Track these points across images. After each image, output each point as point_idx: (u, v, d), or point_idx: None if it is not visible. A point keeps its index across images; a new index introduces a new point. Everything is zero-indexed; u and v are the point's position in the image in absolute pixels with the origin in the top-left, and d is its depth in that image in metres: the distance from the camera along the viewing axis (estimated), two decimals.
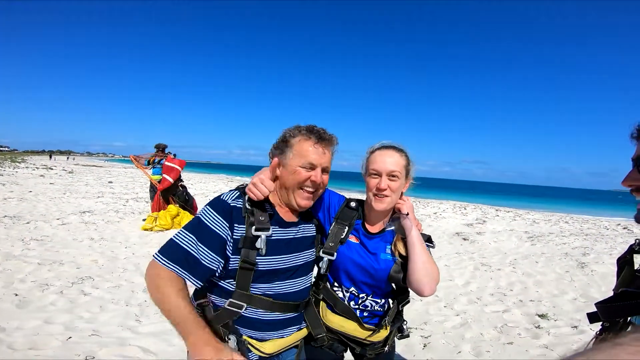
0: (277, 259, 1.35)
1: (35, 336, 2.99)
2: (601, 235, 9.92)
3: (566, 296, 4.69)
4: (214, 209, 1.29)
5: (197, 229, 1.26)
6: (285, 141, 1.38)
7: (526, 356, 3.10)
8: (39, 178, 16.68)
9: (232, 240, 1.27)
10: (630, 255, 1.10)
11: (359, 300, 1.54)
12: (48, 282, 4.16)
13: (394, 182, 1.46)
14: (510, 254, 7.13)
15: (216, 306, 1.33)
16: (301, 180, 1.35)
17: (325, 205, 1.58)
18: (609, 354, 0.36)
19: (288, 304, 1.40)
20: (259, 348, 1.35)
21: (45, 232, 6.39)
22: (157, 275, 1.22)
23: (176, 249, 1.24)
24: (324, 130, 1.40)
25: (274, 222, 1.36)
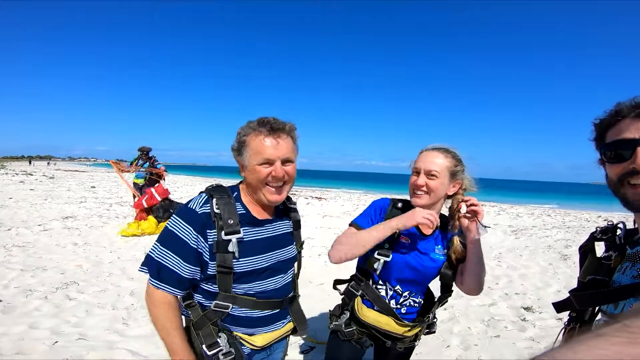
0: (255, 259, 1.34)
1: (21, 341, 2.95)
2: (582, 228, 10.16)
3: (550, 289, 4.80)
4: (183, 218, 1.26)
5: (169, 241, 1.26)
6: (241, 142, 1.32)
7: (513, 349, 3.16)
8: (19, 184, 16.26)
9: (207, 246, 1.26)
10: (591, 243, 1.12)
11: (401, 299, 1.60)
12: (32, 287, 4.08)
13: (432, 180, 1.48)
14: (496, 247, 7.26)
15: (203, 306, 1.35)
16: (262, 178, 1.30)
17: (370, 214, 1.61)
18: (592, 345, 0.36)
19: (271, 302, 1.41)
20: (250, 342, 1.38)
21: (27, 239, 6.25)
22: (148, 296, 1.28)
23: (153, 263, 1.26)
24: (275, 119, 1.32)
25: (247, 222, 1.34)
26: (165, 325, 1.25)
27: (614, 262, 0.99)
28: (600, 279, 0.99)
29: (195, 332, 1.32)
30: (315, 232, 8.15)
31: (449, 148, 1.55)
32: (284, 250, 1.46)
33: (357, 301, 1.61)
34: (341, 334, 1.63)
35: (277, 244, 1.44)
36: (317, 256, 6.02)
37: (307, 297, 4.34)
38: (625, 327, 0.36)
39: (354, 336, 1.61)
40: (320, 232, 8.11)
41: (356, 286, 1.62)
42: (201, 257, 1.26)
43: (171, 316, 1.27)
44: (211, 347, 1.29)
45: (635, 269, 0.89)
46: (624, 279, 0.92)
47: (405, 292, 1.60)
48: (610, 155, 0.90)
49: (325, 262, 5.69)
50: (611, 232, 1.07)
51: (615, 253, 1.00)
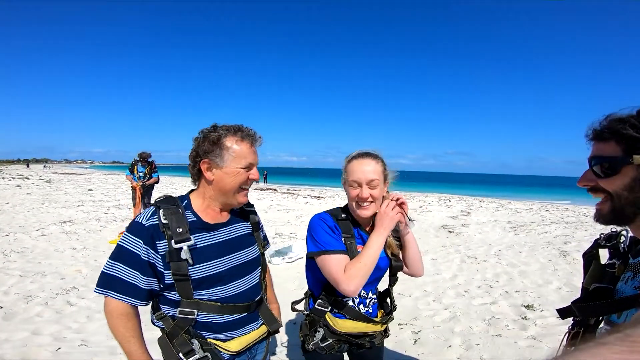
0: (211, 265, 1.34)
1: (24, 348, 2.96)
2: (581, 223, 10.21)
3: (550, 286, 4.81)
4: (132, 233, 1.28)
5: (121, 256, 1.27)
6: (217, 144, 1.34)
7: (515, 348, 3.16)
8: (15, 189, 16.20)
9: (159, 257, 1.27)
10: (596, 249, 1.12)
11: (367, 300, 1.63)
12: (32, 293, 4.07)
13: (374, 190, 1.49)
14: (495, 244, 7.28)
15: (172, 317, 1.35)
16: (243, 180, 1.38)
17: (330, 235, 1.55)
18: (594, 353, 0.36)
19: (238, 306, 1.42)
20: (225, 348, 1.39)
21: (26, 244, 6.23)
22: (105, 307, 1.30)
23: (111, 278, 1.26)
24: (252, 130, 1.43)
25: (199, 228, 1.35)
26: (125, 335, 1.29)
27: (617, 271, 0.99)
28: (604, 287, 0.99)
29: (170, 342, 1.33)
30: None
31: (376, 151, 1.57)
32: (242, 253, 1.47)
33: (328, 316, 1.59)
34: (320, 349, 1.61)
35: (234, 247, 1.44)
36: None
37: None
38: (626, 337, 0.37)
39: (334, 348, 1.61)
40: None
41: (324, 303, 1.59)
42: (155, 268, 1.28)
43: (130, 326, 1.30)
44: (188, 355, 1.31)
45: (637, 279, 0.90)
46: (627, 289, 0.92)
47: (369, 293, 1.64)
48: None
49: None
50: (615, 239, 1.07)
51: (618, 261, 1.01)
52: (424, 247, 6.98)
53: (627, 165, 0.84)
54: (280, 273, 5.27)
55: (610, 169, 0.87)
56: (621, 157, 0.85)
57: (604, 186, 0.89)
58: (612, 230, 1.09)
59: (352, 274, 1.41)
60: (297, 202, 14.43)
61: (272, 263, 5.62)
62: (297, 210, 11.73)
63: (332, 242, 1.48)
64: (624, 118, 0.86)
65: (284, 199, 15.48)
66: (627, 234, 1.05)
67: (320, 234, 1.51)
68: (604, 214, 0.92)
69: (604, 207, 0.92)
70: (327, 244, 1.48)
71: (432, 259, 6.09)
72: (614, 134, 0.86)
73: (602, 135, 0.90)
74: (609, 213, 0.91)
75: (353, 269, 1.42)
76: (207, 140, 1.35)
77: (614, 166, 0.86)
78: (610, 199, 0.90)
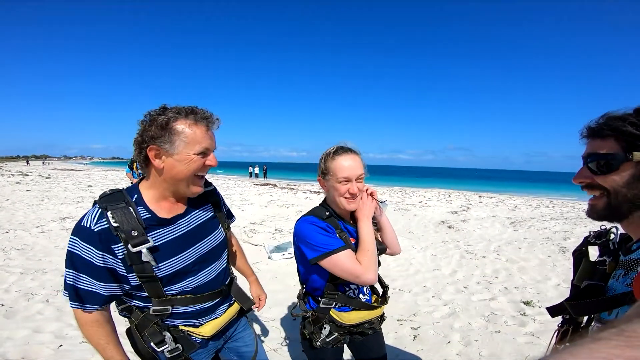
0: (176, 260, 1.28)
1: (26, 345, 2.97)
2: (580, 219, 10.22)
3: (549, 282, 4.83)
4: (80, 238, 1.17)
5: (76, 263, 1.17)
6: (165, 128, 1.20)
7: (514, 344, 3.17)
8: (15, 185, 16.18)
9: (118, 260, 1.19)
10: (585, 247, 1.13)
11: (364, 289, 1.71)
12: (33, 291, 4.08)
13: (360, 182, 1.57)
14: (494, 240, 7.29)
15: (141, 309, 1.31)
16: (197, 168, 1.26)
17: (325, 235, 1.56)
18: (591, 349, 0.36)
19: (210, 294, 1.40)
20: (198, 333, 1.38)
21: (26, 241, 6.23)
22: (75, 317, 1.25)
23: (69, 287, 1.19)
24: (207, 111, 1.29)
25: (154, 224, 1.25)
26: (100, 342, 1.24)
27: (608, 268, 1.01)
28: (595, 284, 1.01)
29: (140, 333, 1.30)
30: None
31: (354, 146, 1.61)
32: (207, 240, 1.42)
33: (332, 312, 1.63)
34: (327, 344, 1.65)
35: (197, 236, 1.38)
36: None
37: None
38: (622, 332, 0.38)
39: (339, 341, 1.66)
40: None
41: (329, 301, 1.62)
42: (116, 272, 1.20)
43: (103, 333, 1.25)
44: (160, 345, 1.29)
45: (629, 277, 0.91)
46: (618, 287, 0.93)
47: None
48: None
49: None
50: (605, 236, 1.08)
51: (609, 258, 1.02)
52: (424, 243, 7.00)
53: (626, 162, 0.86)
54: (280, 269, 5.29)
55: (608, 166, 0.89)
56: (620, 153, 0.87)
57: (601, 183, 0.91)
58: (602, 228, 1.10)
59: (367, 264, 1.46)
60: (297, 198, 14.43)
61: (272, 259, 5.63)
62: (297, 206, 11.73)
63: (332, 241, 1.50)
64: (623, 116, 0.89)
65: (284, 194, 15.48)
66: (617, 231, 1.07)
67: (317, 238, 1.50)
68: (599, 209, 0.94)
69: (599, 203, 0.94)
70: (329, 245, 1.48)
71: (432, 255, 6.11)
72: (613, 131, 0.88)
73: (601, 132, 0.91)
74: (603, 209, 0.93)
75: (365, 259, 1.47)
76: (154, 124, 1.21)
77: (612, 163, 0.88)
78: (607, 196, 0.91)
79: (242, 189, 17.90)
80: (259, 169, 36.59)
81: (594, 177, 0.92)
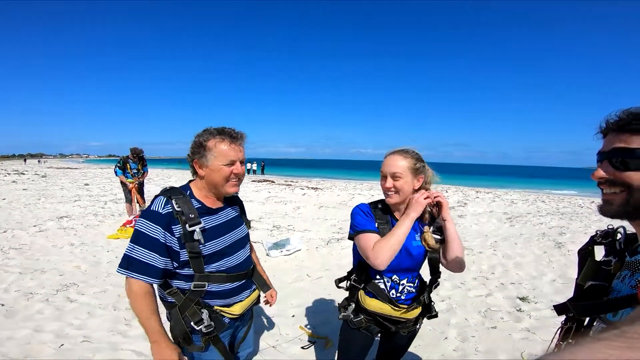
0: (217, 242, 1.61)
1: (27, 345, 2.99)
2: (576, 214, 10.30)
3: (545, 277, 4.88)
4: (149, 219, 1.48)
5: (142, 240, 1.47)
6: (201, 146, 1.57)
7: (510, 340, 3.22)
8: (11, 184, 16.12)
9: (175, 239, 1.49)
10: (591, 246, 1.11)
11: (399, 287, 1.76)
12: (32, 290, 4.10)
13: (397, 181, 1.67)
14: (491, 236, 7.34)
15: (183, 291, 1.58)
16: (227, 175, 1.59)
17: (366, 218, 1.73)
18: (592, 349, 0.37)
19: (239, 274, 1.70)
20: (230, 312, 1.67)
21: (24, 241, 6.23)
22: (130, 289, 1.49)
23: (133, 261, 1.46)
24: (233, 129, 1.63)
25: (204, 212, 1.60)
26: (146, 311, 1.50)
27: (614, 268, 0.99)
28: (599, 284, 0.99)
29: (182, 314, 1.57)
30: (312, 224, 8.20)
31: (408, 149, 1.72)
32: (237, 230, 1.75)
33: (360, 293, 1.80)
34: (350, 322, 1.82)
35: (232, 226, 1.72)
36: (315, 249, 6.04)
37: (304, 291, 4.39)
38: (623, 333, 0.38)
39: (363, 324, 1.81)
40: (317, 224, 8.16)
41: (358, 281, 1.80)
42: (171, 249, 1.49)
43: (150, 303, 1.51)
44: (198, 324, 1.57)
45: (634, 279, 0.89)
46: (623, 288, 0.92)
47: (403, 280, 1.76)
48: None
49: (323, 255, 5.74)
50: (611, 236, 1.06)
51: (615, 259, 1.00)
52: None
53: None
54: (279, 265, 5.31)
55: (636, 162, 0.84)
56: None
57: (626, 179, 0.86)
58: (609, 227, 1.08)
59: (378, 247, 1.58)
60: (294, 194, 14.45)
61: (270, 255, 5.65)
62: (294, 202, 11.76)
63: (365, 223, 1.70)
64: None
65: (282, 191, 15.50)
66: (624, 231, 1.04)
67: (356, 218, 1.73)
68: (615, 206, 0.90)
69: (616, 199, 0.89)
70: (360, 225, 1.69)
71: None
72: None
73: (629, 126, 0.86)
74: (621, 206, 0.89)
75: (379, 245, 1.59)
76: (195, 144, 1.60)
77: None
78: (628, 193, 0.87)
79: None
80: (256, 165, 36.53)
81: (616, 172, 0.88)
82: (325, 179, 28.41)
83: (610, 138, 0.90)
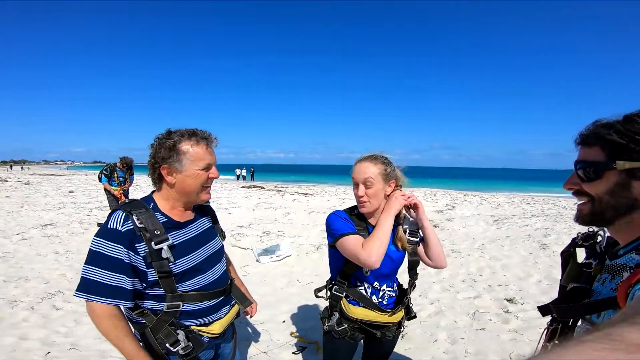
0: (189, 258, 1.47)
1: (13, 352, 2.95)
2: (560, 215, 10.49)
3: (531, 279, 4.95)
4: (107, 239, 1.32)
5: (102, 262, 1.31)
6: (174, 149, 1.42)
7: (498, 341, 3.26)
8: None
9: (140, 257, 1.35)
10: (573, 248, 1.13)
11: (380, 292, 1.77)
12: (17, 298, 4.03)
13: (369, 188, 1.66)
14: (478, 238, 7.43)
15: (155, 311, 1.45)
16: (204, 180, 1.48)
17: (345, 223, 1.72)
18: (577, 351, 0.37)
19: (216, 291, 1.57)
20: (209, 331, 1.55)
21: (7, 249, 6.11)
22: (92, 312, 1.35)
23: (95, 284, 1.31)
24: (207, 132, 1.51)
25: (171, 227, 1.45)
26: (119, 335, 1.35)
27: (594, 271, 1.02)
28: (581, 287, 1.01)
29: (154, 336, 1.43)
30: (302, 229, 8.19)
31: (376, 155, 1.72)
32: (211, 243, 1.62)
33: (343, 302, 1.78)
34: (335, 332, 1.80)
35: (204, 239, 1.59)
36: (305, 255, 6.04)
37: (295, 296, 4.38)
38: (607, 336, 0.39)
39: (347, 333, 1.79)
40: (307, 230, 8.15)
41: (340, 289, 1.78)
42: (137, 268, 1.36)
43: (121, 326, 1.36)
44: (174, 345, 1.43)
45: (614, 282, 0.92)
46: (603, 291, 0.94)
47: (383, 286, 1.79)
48: None
49: (313, 261, 5.74)
50: (592, 239, 1.09)
51: (595, 261, 1.03)
52: None
53: (610, 170, 0.87)
54: (269, 271, 5.30)
55: (593, 173, 0.90)
56: (605, 161, 0.87)
57: (587, 190, 0.92)
58: (590, 230, 1.11)
59: (368, 246, 1.56)
60: (284, 200, 14.42)
61: (260, 262, 5.63)
62: (284, 208, 11.74)
63: (346, 226, 1.67)
64: (610, 123, 0.88)
65: (271, 197, 15.45)
66: (604, 235, 1.07)
67: (335, 223, 1.70)
68: (584, 215, 0.95)
69: (584, 209, 0.95)
70: (342, 229, 1.66)
71: None
72: (598, 139, 0.89)
73: (588, 140, 0.92)
74: (588, 215, 0.94)
75: (369, 243, 1.57)
76: (163, 147, 1.43)
77: (597, 170, 0.89)
78: (592, 202, 0.92)
79: (229, 192, 17.80)
80: (246, 171, 36.37)
81: (581, 184, 0.93)
82: (315, 184, 28.42)
83: (579, 150, 0.96)
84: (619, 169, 0.85)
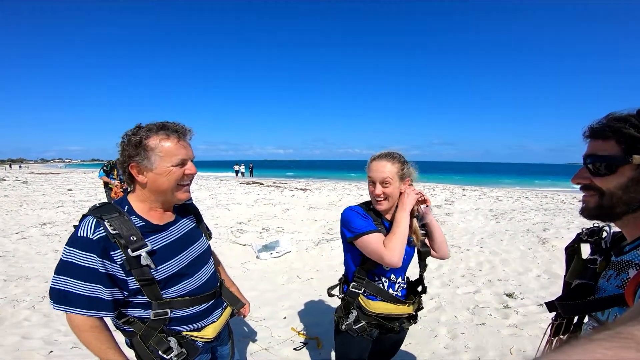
0: (173, 263, 1.36)
1: (16, 352, 2.95)
2: (559, 210, 10.50)
3: (530, 274, 4.97)
4: (79, 248, 1.21)
5: (74, 273, 1.20)
6: (140, 146, 1.29)
7: (498, 336, 3.27)
8: None
9: (117, 266, 1.24)
10: (577, 244, 1.13)
11: (395, 285, 1.81)
12: (18, 297, 4.03)
13: (387, 188, 1.69)
14: (478, 233, 7.44)
15: (142, 319, 1.36)
16: (178, 178, 1.35)
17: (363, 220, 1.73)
18: (586, 350, 0.37)
19: (206, 295, 1.48)
20: (202, 336, 1.46)
21: (7, 248, 6.10)
22: (71, 323, 1.26)
23: (71, 295, 1.21)
24: (178, 124, 1.38)
25: (149, 231, 1.33)
26: (101, 347, 1.28)
27: (599, 267, 1.01)
28: (586, 283, 1.00)
29: (145, 344, 1.35)
30: (302, 225, 8.19)
31: (393, 153, 1.74)
32: (196, 245, 1.51)
33: (361, 298, 1.78)
34: (352, 331, 1.79)
35: (188, 241, 1.48)
36: (305, 250, 6.04)
37: (295, 292, 4.39)
38: (617, 334, 0.39)
39: (365, 330, 1.79)
40: (307, 225, 8.16)
41: (358, 286, 1.77)
42: (115, 277, 1.25)
43: (103, 337, 1.28)
44: (167, 352, 1.35)
45: (620, 279, 0.91)
46: (609, 288, 0.93)
47: (398, 278, 1.82)
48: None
49: (313, 257, 5.75)
50: (597, 234, 1.08)
51: (600, 257, 1.02)
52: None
53: (625, 165, 0.85)
54: (269, 268, 5.31)
55: (606, 168, 0.88)
56: (620, 156, 0.85)
57: (599, 184, 0.90)
58: (595, 225, 1.09)
59: (391, 246, 1.58)
60: (283, 196, 14.41)
61: (260, 258, 5.64)
62: (283, 204, 11.73)
63: (367, 225, 1.68)
64: (625, 117, 0.87)
65: (270, 193, 15.43)
66: (610, 231, 1.06)
67: (355, 221, 1.70)
68: (590, 208, 0.93)
69: (591, 201, 0.93)
70: (363, 227, 1.67)
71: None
72: (614, 133, 0.87)
73: (602, 133, 0.90)
74: (595, 208, 0.92)
75: (391, 242, 1.59)
76: (130, 144, 1.30)
77: (611, 165, 0.87)
78: (600, 196, 0.90)
79: (228, 188, 17.77)
80: (245, 167, 36.33)
81: (592, 178, 0.91)
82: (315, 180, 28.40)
83: (589, 143, 0.94)
84: (635, 164, 0.84)
